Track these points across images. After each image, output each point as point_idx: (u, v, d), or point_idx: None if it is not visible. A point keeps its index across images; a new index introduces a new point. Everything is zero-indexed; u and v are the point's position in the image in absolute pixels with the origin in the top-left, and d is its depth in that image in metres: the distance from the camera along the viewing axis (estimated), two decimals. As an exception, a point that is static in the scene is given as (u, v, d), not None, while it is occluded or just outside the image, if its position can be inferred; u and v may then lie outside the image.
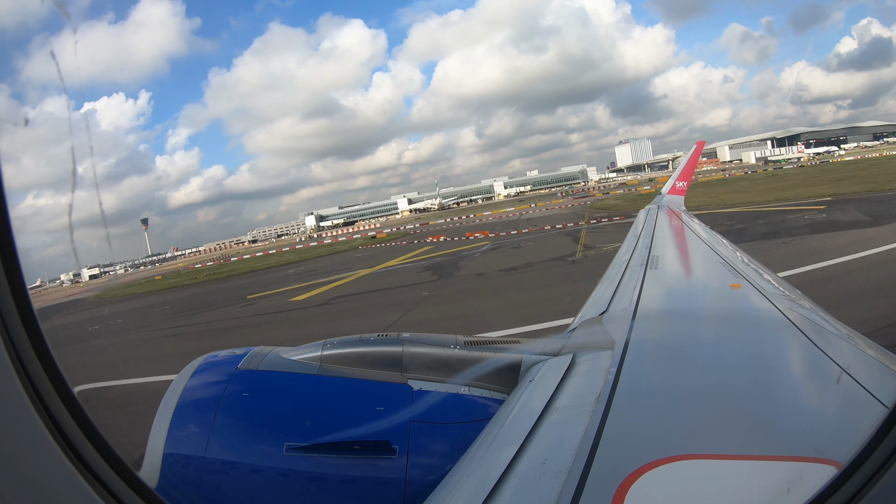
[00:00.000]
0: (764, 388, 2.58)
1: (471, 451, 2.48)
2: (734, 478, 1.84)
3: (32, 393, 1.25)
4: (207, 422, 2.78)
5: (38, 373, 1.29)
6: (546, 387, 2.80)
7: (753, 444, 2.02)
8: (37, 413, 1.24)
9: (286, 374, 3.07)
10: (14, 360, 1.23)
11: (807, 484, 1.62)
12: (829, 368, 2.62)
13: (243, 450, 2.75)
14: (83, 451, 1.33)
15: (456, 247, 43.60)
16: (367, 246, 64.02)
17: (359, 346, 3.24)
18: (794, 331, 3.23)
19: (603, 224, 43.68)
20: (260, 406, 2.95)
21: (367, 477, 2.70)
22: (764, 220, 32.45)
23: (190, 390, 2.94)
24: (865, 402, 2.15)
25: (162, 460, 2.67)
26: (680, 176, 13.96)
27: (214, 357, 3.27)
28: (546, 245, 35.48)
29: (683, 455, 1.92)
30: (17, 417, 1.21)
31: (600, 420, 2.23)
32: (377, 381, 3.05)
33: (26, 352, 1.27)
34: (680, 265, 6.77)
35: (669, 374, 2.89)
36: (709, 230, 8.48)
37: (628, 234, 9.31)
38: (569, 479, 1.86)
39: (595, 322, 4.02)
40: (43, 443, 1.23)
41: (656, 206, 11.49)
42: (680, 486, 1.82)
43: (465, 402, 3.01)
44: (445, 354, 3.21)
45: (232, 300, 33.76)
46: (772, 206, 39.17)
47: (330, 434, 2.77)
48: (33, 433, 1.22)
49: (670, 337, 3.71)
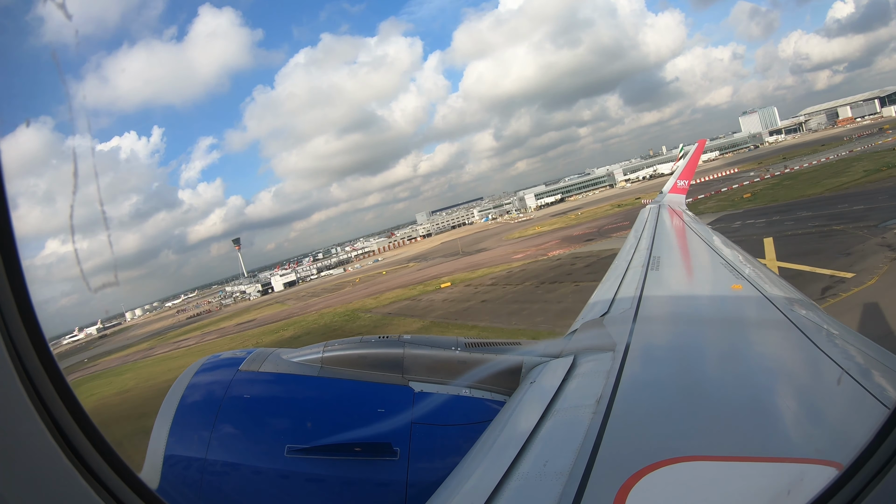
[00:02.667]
0: (765, 389, 2.58)
1: (472, 452, 2.48)
2: (735, 479, 1.84)
3: (32, 393, 1.25)
4: (209, 423, 2.78)
5: (39, 373, 1.29)
6: (547, 389, 2.80)
7: (755, 445, 2.01)
8: (37, 413, 1.24)
9: (287, 376, 3.07)
10: (14, 360, 1.23)
11: (808, 485, 1.61)
12: (829, 369, 2.61)
13: (244, 451, 2.75)
14: (83, 451, 1.33)
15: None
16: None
17: (360, 348, 3.24)
18: (795, 332, 3.22)
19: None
20: (261, 408, 2.94)
21: (369, 479, 2.69)
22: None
23: (191, 392, 2.94)
24: (866, 403, 2.15)
25: (163, 461, 2.67)
26: (681, 175, 13.94)
27: (216, 358, 3.27)
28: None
29: (685, 457, 1.92)
30: (17, 417, 1.21)
31: (601, 422, 2.22)
32: (378, 383, 3.05)
33: (26, 352, 1.27)
34: (681, 266, 6.75)
35: (670, 376, 2.88)
36: (709, 230, 8.45)
37: (629, 234, 9.30)
38: (570, 481, 1.85)
39: (596, 324, 4.02)
40: (43, 443, 1.23)
41: (657, 206, 11.46)
42: (681, 487, 1.81)
43: (466, 404, 3.01)
44: (446, 356, 3.21)
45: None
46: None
47: (331, 436, 2.77)
48: (33, 433, 1.22)
49: (671, 339, 3.71)
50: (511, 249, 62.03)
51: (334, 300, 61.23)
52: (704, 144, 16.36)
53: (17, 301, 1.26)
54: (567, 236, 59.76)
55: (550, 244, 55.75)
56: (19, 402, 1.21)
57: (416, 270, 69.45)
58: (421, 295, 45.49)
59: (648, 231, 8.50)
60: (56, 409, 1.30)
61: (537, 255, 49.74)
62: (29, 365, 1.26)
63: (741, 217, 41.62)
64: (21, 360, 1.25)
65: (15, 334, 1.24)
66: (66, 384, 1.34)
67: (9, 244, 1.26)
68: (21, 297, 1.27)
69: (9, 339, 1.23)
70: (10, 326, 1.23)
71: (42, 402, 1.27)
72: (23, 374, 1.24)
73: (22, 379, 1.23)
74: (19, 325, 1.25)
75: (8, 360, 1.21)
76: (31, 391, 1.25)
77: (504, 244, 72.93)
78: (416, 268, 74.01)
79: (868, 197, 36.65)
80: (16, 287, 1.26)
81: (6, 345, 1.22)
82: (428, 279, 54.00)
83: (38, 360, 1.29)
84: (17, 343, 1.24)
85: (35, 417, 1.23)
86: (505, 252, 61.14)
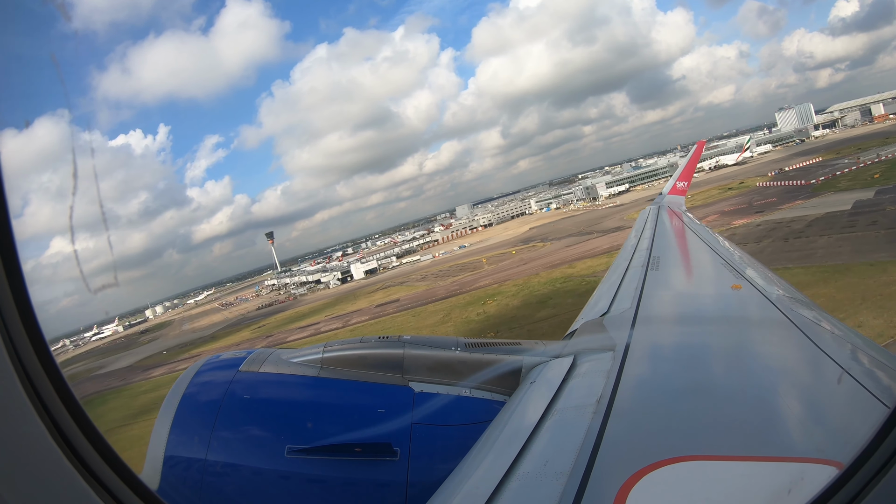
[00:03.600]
0: (765, 389, 2.58)
1: (472, 453, 2.48)
2: (736, 479, 1.84)
3: (32, 393, 1.25)
4: (209, 424, 2.78)
5: (38, 373, 1.29)
6: (547, 389, 2.80)
7: (755, 445, 2.01)
8: (37, 413, 1.24)
9: (287, 376, 3.07)
10: (14, 361, 1.23)
11: (808, 485, 1.61)
12: (830, 369, 2.61)
13: (244, 452, 2.75)
14: (83, 451, 1.33)
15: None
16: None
17: (360, 349, 3.24)
18: (795, 331, 3.22)
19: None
20: (261, 408, 2.94)
21: (369, 479, 2.69)
22: None
23: (191, 392, 2.94)
24: (866, 403, 2.15)
25: (163, 462, 2.67)
26: (680, 176, 13.95)
27: (216, 359, 3.27)
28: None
29: (685, 456, 1.92)
30: (17, 417, 1.21)
31: (601, 422, 2.22)
32: (378, 384, 3.05)
33: (26, 352, 1.27)
34: (681, 266, 6.76)
35: (671, 376, 2.89)
36: (709, 231, 8.47)
37: (629, 234, 9.31)
38: (570, 481, 1.85)
39: (596, 324, 4.02)
40: (43, 443, 1.23)
41: (657, 207, 11.47)
42: (681, 487, 1.81)
43: (466, 404, 3.01)
44: (446, 356, 3.21)
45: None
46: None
47: (331, 436, 2.77)
48: (33, 433, 1.22)
49: (671, 338, 3.71)
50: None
51: (512, 271, 52.61)
52: (703, 146, 16.37)
53: (17, 301, 1.26)
54: (718, 211, 55.03)
55: (714, 217, 50.66)
56: (19, 402, 1.21)
57: (565, 248, 59.71)
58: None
59: (648, 232, 8.51)
60: (56, 410, 1.30)
61: (726, 223, 45.71)
62: (29, 365, 1.26)
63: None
64: (21, 360, 1.25)
65: (15, 334, 1.24)
66: (66, 384, 1.34)
67: (9, 244, 1.26)
68: (21, 298, 1.27)
69: (9, 339, 1.23)
70: (9, 326, 1.23)
71: (42, 402, 1.27)
72: (23, 374, 1.24)
73: (22, 379, 1.23)
74: (19, 325, 1.25)
75: (8, 360, 1.21)
76: (31, 391, 1.25)
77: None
78: (551, 248, 63.61)
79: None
80: (16, 287, 1.26)
81: (6, 345, 1.22)
82: (599, 252, 47.96)
83: (37, 360, 1.29)
84: (16, 343, 1.24)
85: (35, 418, 1.23)
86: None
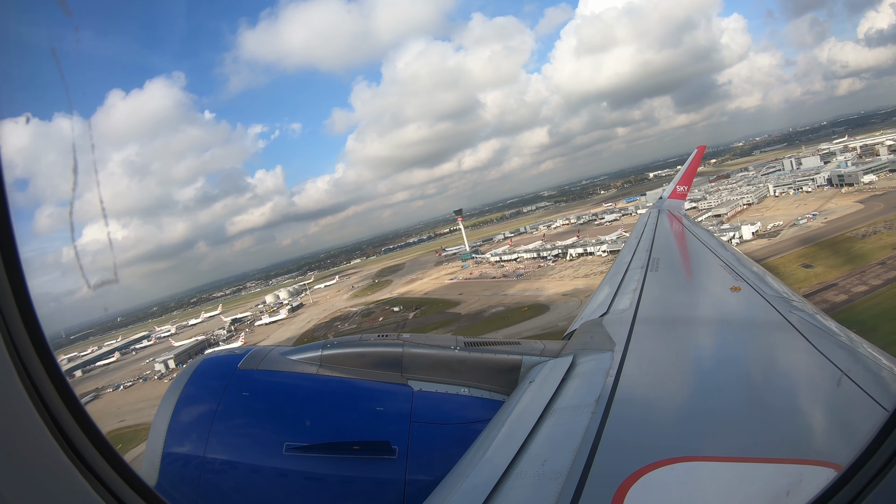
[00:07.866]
0: (764, 390, 2.58)
1: (470, 451, 2.48)
2: (734, 480, 1.84)
3: (33, 393, 1.25)
4: (207, 421, 2.78)
5: (39, 373, 1.29)
6: (546, 388, 2.80)
7: (753, 446, 2.01)
8: (37, 413, 1.24)
9: (286, 374, 3.08)
10: (14, 360, 1.23)
11: (806, 486, 1.61)
12: (829, 371, 2.62)
13: (243, 449, 2.75)
14: (83, 449, 1.33)
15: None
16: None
17: (359, 347, 3.25)
18: (794, 333, 3.22)
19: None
20: (259, 406, 2.95)
21: (367, 477, 2.70)
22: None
23: (189, 390, 2.94)
24: (865, 405, 2.15)
25: (161, 459, 2.67)
26: (681, 180, 13.95)
27: (214, 357, 3.27)
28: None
29: (683, 457, 1.92)
30: (17, 417, 1.21)
31: (600, 422, 2.23)
32: (377, 382, 3.05)
33: (26, 352, 1.27)
34: (680, 268, 6.77)
35: (670, 377, 2.89)
36: (709, 233, 8.48)
37: (630, 236, 9.33)
38: (568, 481, 1.86)
39: (595, 324, 4.02)
40: (43, 442, 1.23)
41: (657, 210, 11.50)
42: (679, 488, 1.82)
43: (465, 403, 3.02)
44: (445, 355, 3.22)
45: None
46: None
47: (330, 434, 2.77)
48: (33, 433, 1.22)
49: (670, 339, 3.71)
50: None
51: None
52: (704, 150, 16.35)
53: (17, 301, 1.26)
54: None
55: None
56: (19, 402, 1.21)
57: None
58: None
59: (648, 234, 8.52)
60: (56, 409, 1.30)
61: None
62: (29, 365, 1.26)
63: None
64: (21, 360, 1.25)
65: (15, 334, 1.24)
66: (67, 384, 1.34)
67: (9, 244, 1.25)
68: (21, 297, 1.27)
69: (9, 339, 1.22)
70: (10, 326, 1.23)
71: (42, 401, 1.27)
72: (23, 374, 1.24)
73: (22, 379, 1.23)
74: (19, 325, 1.25)
75: (8, 360, 1.21)
76: (32, 391, 1.25)
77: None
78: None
79: None
80: (16, 287, 1.26)
81: (6, 345, 1.22)
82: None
83: (38, 360, 1.29)
84: (17, 343, 1.24)
85: (35, 416, 1.23)
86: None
